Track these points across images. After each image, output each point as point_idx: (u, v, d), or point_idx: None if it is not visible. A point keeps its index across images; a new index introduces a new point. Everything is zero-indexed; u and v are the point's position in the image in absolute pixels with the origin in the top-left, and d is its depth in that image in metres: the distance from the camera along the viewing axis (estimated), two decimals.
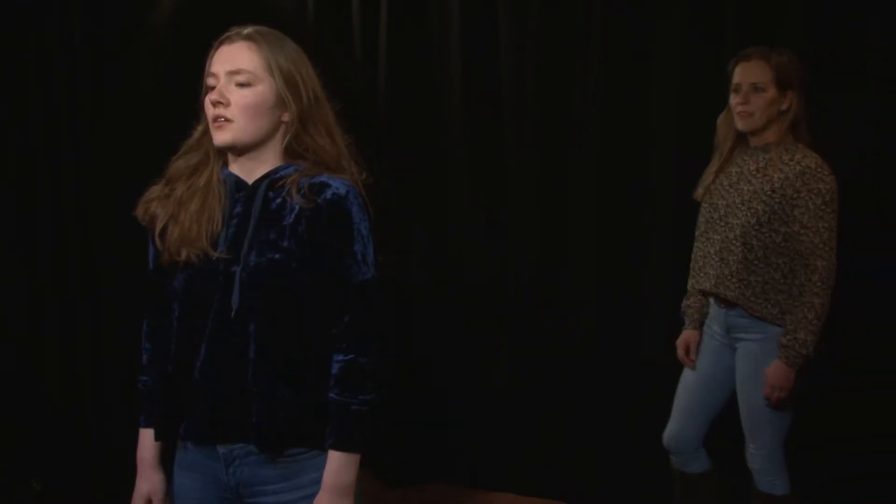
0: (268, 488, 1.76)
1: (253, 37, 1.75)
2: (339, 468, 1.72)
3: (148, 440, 1.86)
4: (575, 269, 3.57)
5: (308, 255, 1.73)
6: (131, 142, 3.70)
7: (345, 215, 1.74)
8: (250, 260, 1.73)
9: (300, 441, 1.74)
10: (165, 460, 1.87)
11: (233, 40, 1.76)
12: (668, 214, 3.34)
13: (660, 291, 3.34)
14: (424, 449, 3.80)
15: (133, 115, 3.76)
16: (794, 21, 3.13)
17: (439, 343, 3.78)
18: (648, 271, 3.43)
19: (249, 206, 1.76)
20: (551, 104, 3.54)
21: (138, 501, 1.87)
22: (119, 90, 3.79)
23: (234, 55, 1.74)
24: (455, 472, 3.80)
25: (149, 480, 1.87)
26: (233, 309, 1.71)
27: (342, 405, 1.72)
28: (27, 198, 3.77)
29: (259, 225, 1.74)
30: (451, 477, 3.80)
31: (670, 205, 3.32)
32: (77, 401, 3.83)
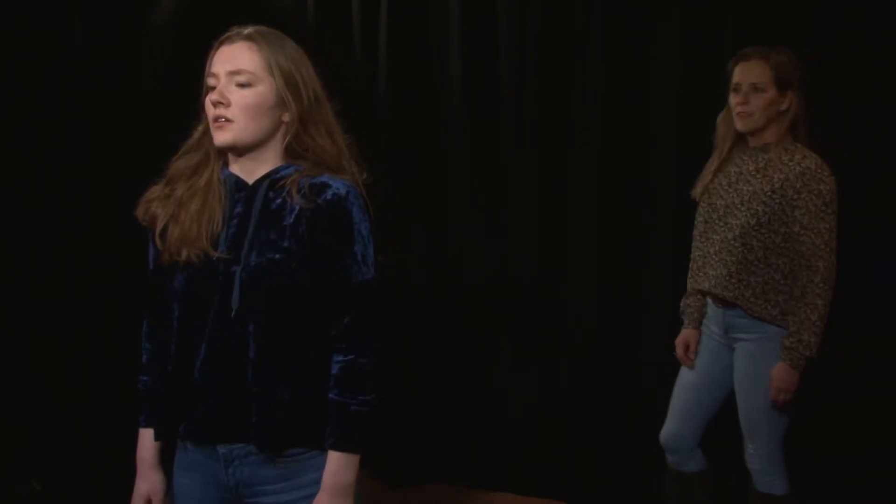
0: (267, 488, 1.76)
1: (253, 37, 1.75)
2: (339, 469, 1.72)
3: (148, 440, 1.86)
4: (575, 269, 3.57)
5: (308, 256, 1.73)
6: (131, 142, 3.69)
7: (345, 216, 1.74)
8: (250, 260, 1.73)
9: (300, 441, 1.74)
10: (165, 460, 1.87)
11: (233, 40, 1.76)
12: (668, 214, 3.34)
13: (660, 291, 3.34)
14: (424, 449, 3.80)
15: (133, 115, 3.75)
16: (794, 21, 3.13)
17: (439, 343, 3.78)
18: (648, 271, 3.43)
19: (250, 207, 1.76)
20: (551, 104, 3.54)
21: (138, 501, 1.86)
22: (119, 90, 3.79)
23: (235, 55, 1.74)
24: (455, 472, 3.80)
25: (148, 480, 1.87)
26: (233, 309, 1.71)
27: (342, 406, 1.72)
28: (27, 198, 3.76)
29: (259, 225, 1.74)
30: (451, 477, 3.80)
31: (670, 205, 3.32)
32: (77, 401, 3.83)
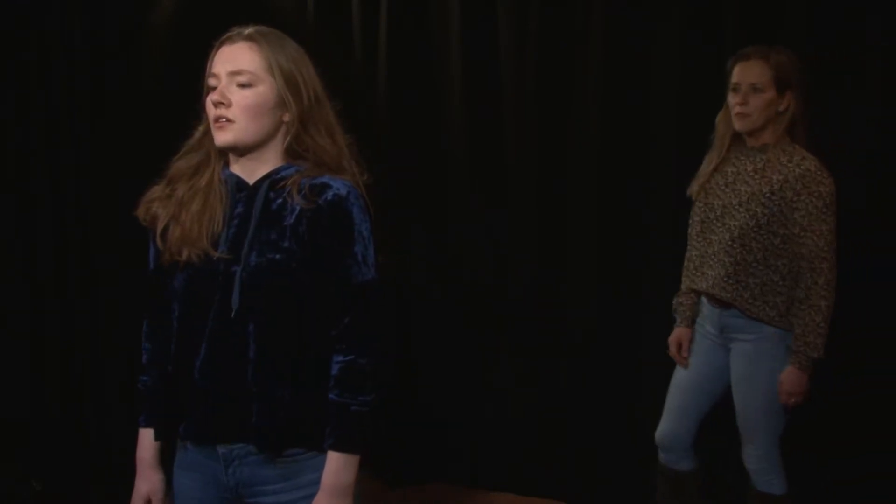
0: (267, 488, 1.76)
1: (254, 37, 1.75)
2: (339, 469, 1.72)
3: (148, 440, 1.86)
4: (575, 269, 3.57)
5: (308, 256, 1.73)
6: (131, 142, 3.69)
7: (346, 216, 1.74)
8: (251, 260, 1.73)
9: (300, 441, 1.74)
10: (165, 460, 1.87)
11: (234, 40, 1.76)
12: (668, 214, 3.33)
13: (660, 291, 3.33)
14: (424, 449, 3.80)
15: (133, 115, 3.75)
16: (794, 21, 3.13)
17: (439, 343, 3.78)
18: (648, 271, 3.43)
19: (250, 207, 1.76)
20: (551, 104, 3.53)
21: (138, 501, 1.87)
22: (119, 90, 3.79)
23: (236, 55, 1.74)
24: (455, 472, 3.80)
25: (148, 480, 1.87)
26: (233, 309, 1.71)
27: (342, 406, 1.72)
28: (27, 198, 3.76)
29: (260, 225, 1.74)
30: (451, 477, 3.80)
31: (670, 205, 3.31)
32: (77, 401, 3.83)
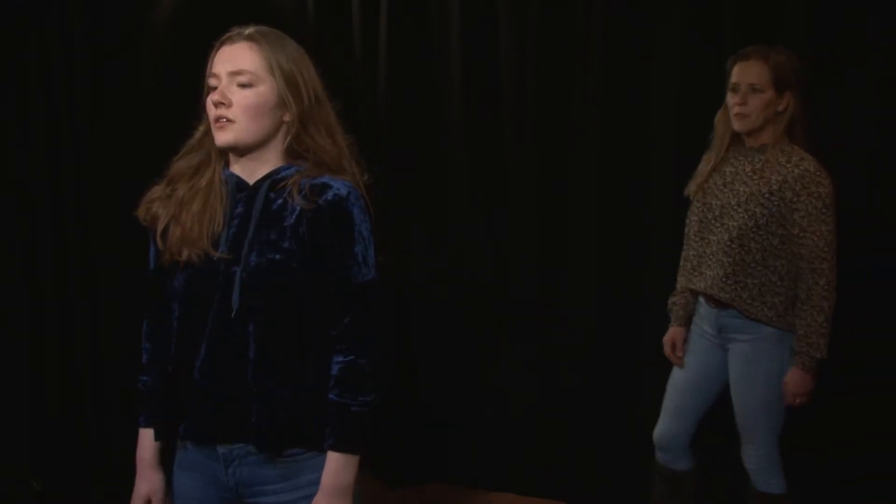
0: (267, 488, 1.76)
1: (254, 37, 1.75)
2: (338, 469, 1.72)
3: (148, 440, 1.86)
4: (575, 269, 3.57)
5: (309, 256, 1.73)
6: (131, 142, 3.69)
7: (346, 217, 1.74)
8: (251, 260, 1.73)
9: (299, 441, 1.74)
10: (165, 460, 1.87)
11: (234, 40, 1.76)
12: (668, 214, 3.33)
13: (660, 291, 3.33)
14: (424, 449, 3.80)
15: (133, 115, 3.75)
16: (794, 21, 3.13)
17: (439, 343, 3.78)
18: (648, 271, 3.43)
19: (250, 207, 1.76)
20: (551, 104, 3.54)
21: (138, 502, 1.87)
22: (119, 90, 3.78)
23: (236, 55, 1.74)
24: (455, 472, 3.80)
25: (148, 480, 1.87)
26: (233, 309, 1.71)
27: (342, 406, 1.72)
28: (27, 198, 3.76)
29: (260, 225, 1.74)
30: (451, 477, 3.80)
31: (670, 205, 3.31)
32: (77, 401, 3.82)
